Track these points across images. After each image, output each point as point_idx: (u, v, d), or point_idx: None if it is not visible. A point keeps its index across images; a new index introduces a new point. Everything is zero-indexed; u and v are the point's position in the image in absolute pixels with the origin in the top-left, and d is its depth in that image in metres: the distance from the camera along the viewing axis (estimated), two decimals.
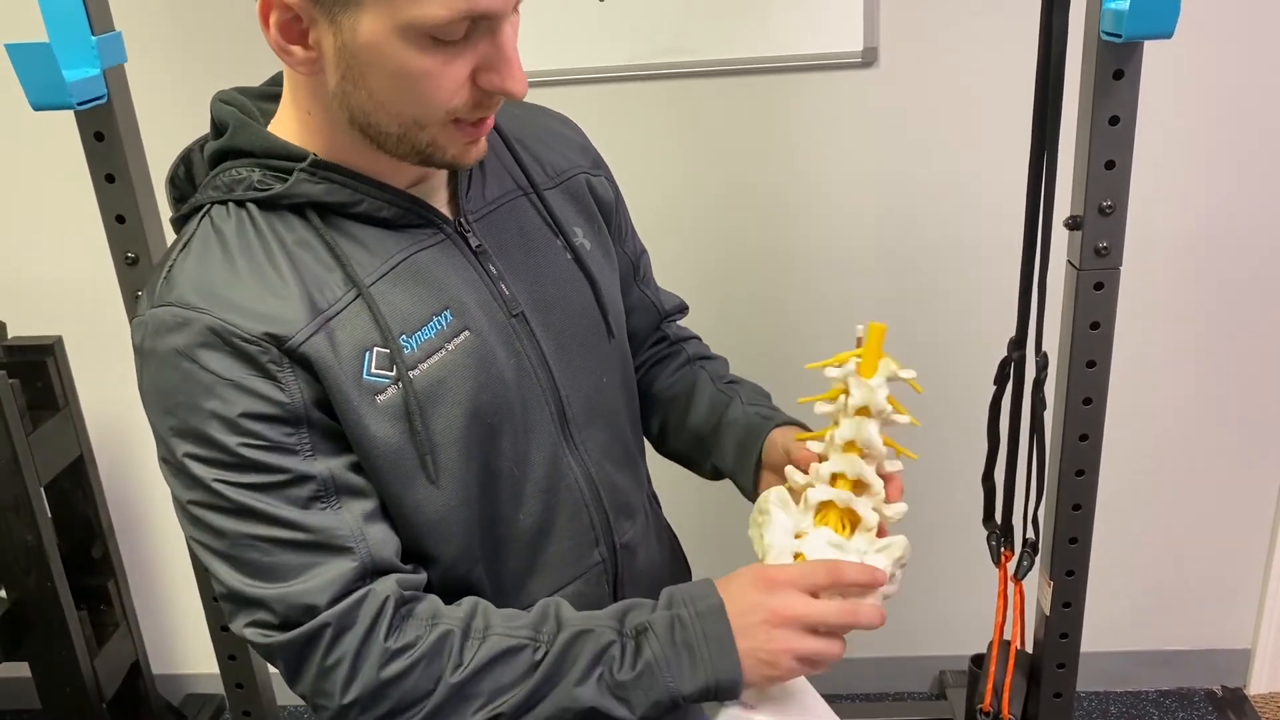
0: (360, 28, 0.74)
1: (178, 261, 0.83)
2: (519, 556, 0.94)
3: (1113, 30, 1.18)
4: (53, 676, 1.78)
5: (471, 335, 0.87)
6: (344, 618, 0.80)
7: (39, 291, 2.00)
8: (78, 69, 1.23)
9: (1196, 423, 1.99)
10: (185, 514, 0.83)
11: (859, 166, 1.85)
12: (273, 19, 0.76)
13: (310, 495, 0.81)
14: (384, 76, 0.76)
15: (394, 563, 0.85)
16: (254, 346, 0.78)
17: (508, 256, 0.93)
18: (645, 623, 0.85)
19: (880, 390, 0.90)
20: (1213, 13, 1.71)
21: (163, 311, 0.80)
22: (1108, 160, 1.27)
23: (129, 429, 2.07)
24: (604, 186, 1.05)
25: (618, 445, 1.02)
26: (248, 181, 0.84)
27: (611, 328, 1.01)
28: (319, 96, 0.81)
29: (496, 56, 0.77)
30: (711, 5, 1.75)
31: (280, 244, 0.83)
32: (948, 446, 1.83)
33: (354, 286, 0.83)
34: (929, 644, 2.17)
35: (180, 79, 1.76)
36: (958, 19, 1.75)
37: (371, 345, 0.82)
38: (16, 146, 1.91)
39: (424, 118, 0.79)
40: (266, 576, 0.80)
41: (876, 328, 0.92)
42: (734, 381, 1.15)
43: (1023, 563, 1.52)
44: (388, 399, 0.83)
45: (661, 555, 1.12)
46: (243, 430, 0.78)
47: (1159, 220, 1.83)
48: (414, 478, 0.85)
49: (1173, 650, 2.16)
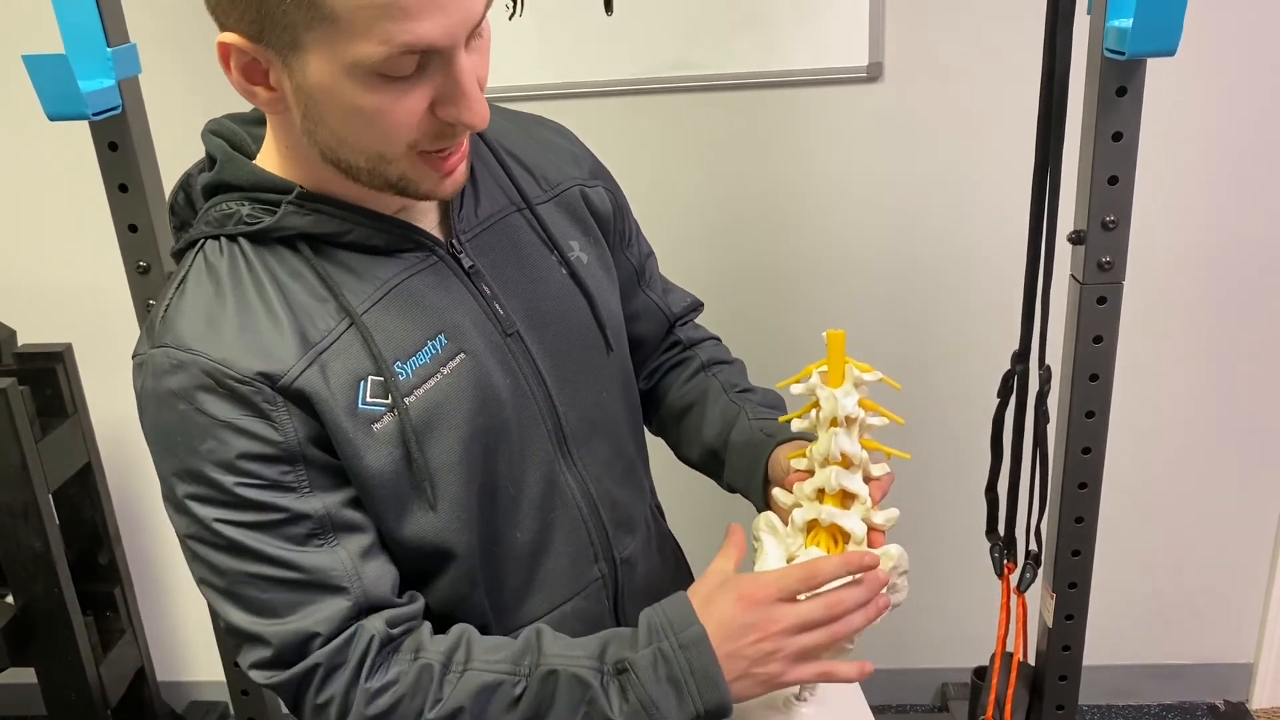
0: (309, 70, 0.74)
1: (174, 302, 0.83)
2: (517, 574, 0.94)
3: (1116, 48, 1.19)
4: (58, 682, 1.79)
5: (466, 358, 0.87)
6: (334, 657, 0.81)
7: (49, 299, 2.01)
8: (93, 80, 1.25)
9: (1199, 436, 1.99)
10: (187, 550, 0.84)
11: (863, 180, 1.86)
12: (233, 63, 0.76)
13: (307, 533, 0.81)
14: (340, 115, 0.76)
15: (388, 598, 0.85)
16: (247, 387, 0.79)
17: (501, 275, 0.92)
18: (626, 661, 0.83)
19: (848, 398, 0.89)
20: (1216, 30, 1.72)
21: (159, 354, 0.80)
22: (1111, 176, 1.28)
23: (136, 437, 2.05)
24: (601, 197, 1.04)
25: (619, 460, 1.02)
26: (238, 216, 0.84)
27: (610, 342, 1.00)
28: (293, 132, 0.81)
29: (452, 89, 0.76)
30: (718, 20, 1.76)
31: (272, 278, 0.83)
32: (951, 459, 1.84)
33: (347, 316, 0.83)
34: (931, 656, 2.17)
35: (193, 90, 1.78)
36: (962, 35, 1.76)
37: (366, 374, 0.82)
38: (28, 155, 1.93)
39: (387, 152, 0.78)
40: (264, 613, 0.81)
41: (835, 335, 0.90)
42: (747, 390, 1.13)
43: (1025, 575, 1.53)
44: (384, 427, 0.83)
45: (664, 568, 1.11)
46: (239, 470, 0.79)
47: (1162, 234, 1.84)
48: (413, 505, 0.85)
49: (1175, 664, 2.16)
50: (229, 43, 0.75)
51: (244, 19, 0.73)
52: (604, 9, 1.75)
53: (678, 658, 0.82)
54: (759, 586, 0.85)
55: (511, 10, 1.75)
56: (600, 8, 1.75)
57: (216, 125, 0.89)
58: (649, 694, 0.82)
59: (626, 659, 0.83)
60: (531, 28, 1.78)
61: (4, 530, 1.68)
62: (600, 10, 1.75)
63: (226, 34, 0.75)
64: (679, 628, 0.84)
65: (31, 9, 1.79)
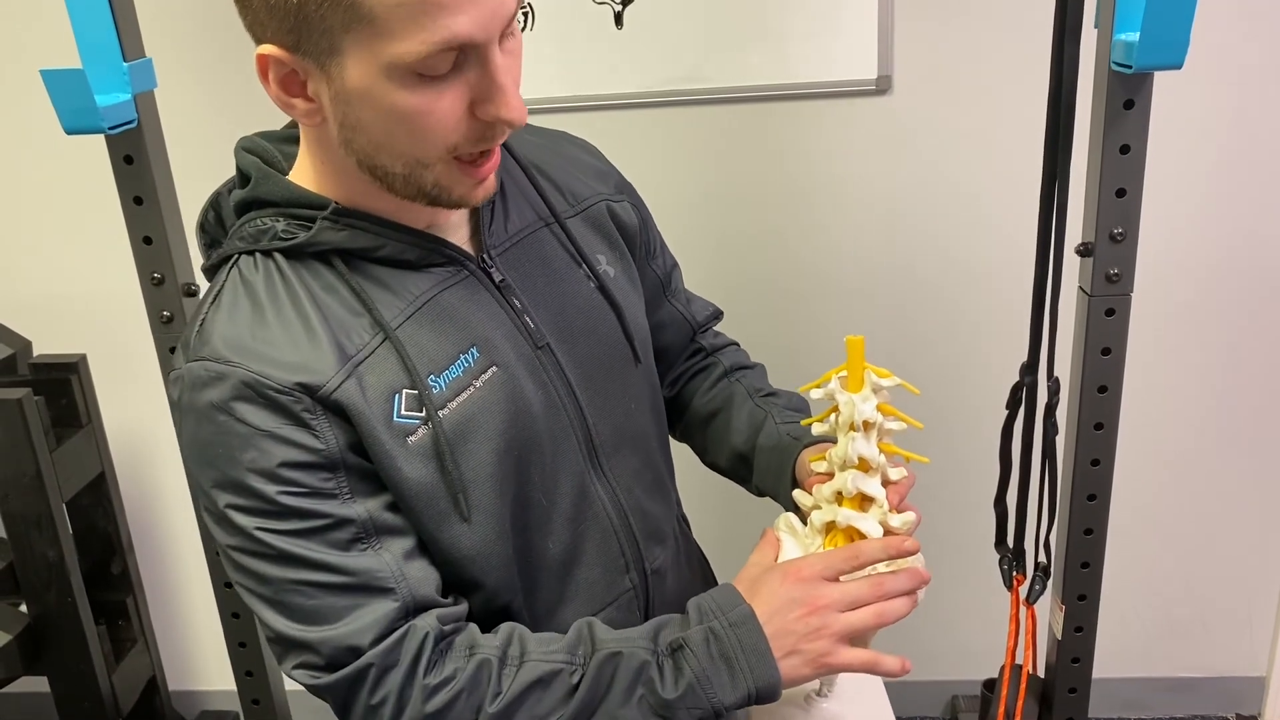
0: (348, 74, 0.74)
1: (209, 315, 0.84)
2: (550, 585, 0.94)
3: (1123, 61, 1.20)
4: (71, 691, 1.79)
5: (499, 371, 0.88)
6: (387, 657, 0.82)
7: (64, 310, 2.03)
8: (110, 94, 1.26)
9: (1209, 447, 1.99)
10: (229, 560, 0.84)
11: (872, 192, 1.87)
12: (271, 75, 0.77)
13: (351, 538, 0.82)
14: (379, 118, 0.76)
15: (434, 598, 0.86)
16: (287, 397, 0.79)
17: (531, 289, 0.93)
18: (680, 639, 0.85)
19: (866, 402, 0.90)
20: (1222, 43, 1.72)
21: (197, 366, 0.81)
22: (1119, 188, 1.28)
23: (149, 446, 2.09)
24: (627, 211, 1.05)
25: (648, 471, 1.03)
26: (273, 231, 0.85)
27: (638, 353, 1.01)
28: (328, 145, 0.82)
29: (489, 86, 0.76)
30: (729, 34, 1.77)
31: (308, 292, 0.83)
32: (960, 470, 1.84)
33: (381, 330, 0.83)
34: (941, 668, 2.17)
35: (207, 104, 1.79)
36: (970, 48, 1.77)
37: (400, 387, 0.83)
38: (44, 167, 1.95)
39: (426, 156, 0.79)
40: (311, 620, 0.81)
41: (854, 341, 0.92)
42: (771, 394, 1.15)
43: (1035, 587, 1.52)
44: (418, 440, 0.83)
45: (692, 578, 1.12)
46: (281, 479, 0.80)
47: (1170, 245, 1.84)
48: (448, 516, 0.85)
49: (1186, 677, 2.15)
50: (267, 54, 0.76)
51: (281, 28, 0.74)
52: (614, 23, 1.77)
53: (728, 634, 0.84)
54: (805, 564, 0.87)
55: (523, 24, 1.77)
56: (613, 21, 1.77)
57: (249, 143, 0.90)
58: (704, 669, 0.83)
59: (680, 638, 0.85)
60: (546, 41, 1.79)
61: (18, 539, 1.69)
62: (613, 23, 1.77)
63: (265, 46, 0.76)
64: (727, 609, 0.86)
65: (48, 24, 1.81)
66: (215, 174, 0.94)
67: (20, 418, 1.61)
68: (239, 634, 1.65)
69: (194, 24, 1.78)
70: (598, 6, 1.78)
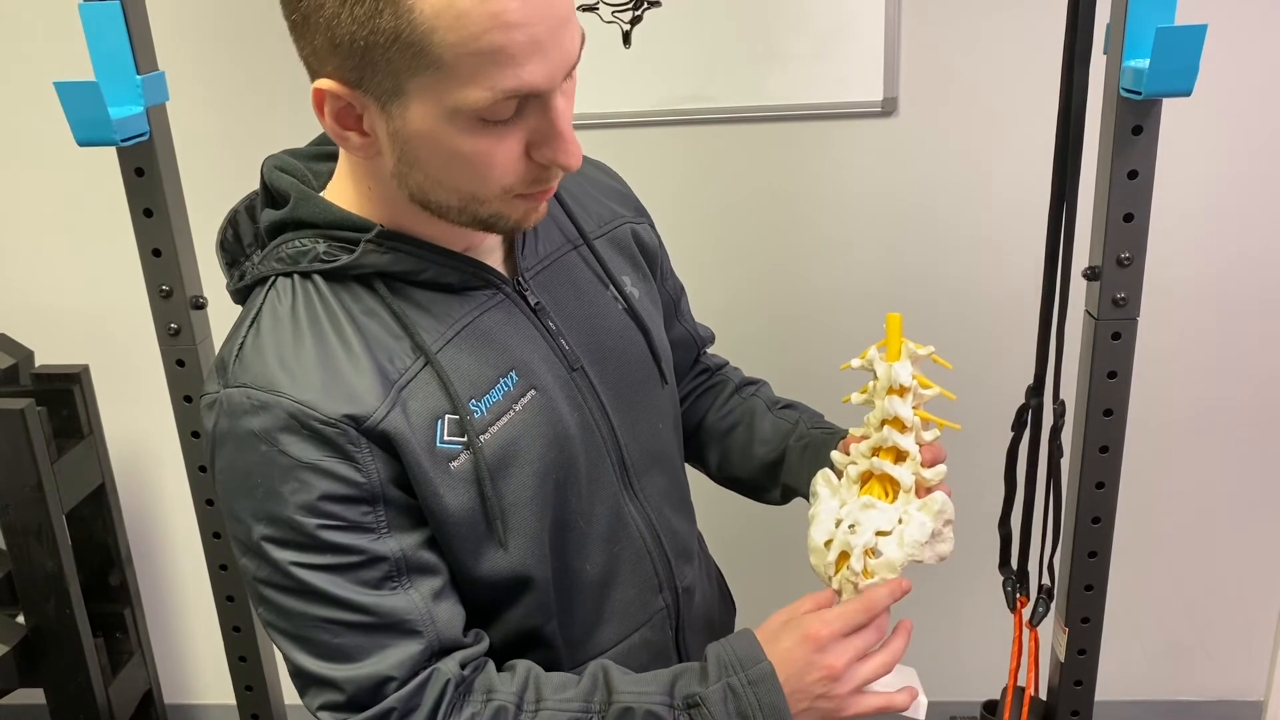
0: (410, 115, 0.74)
1: (249, 339, 0.82)
2: (586, 607, 0.94)
3: (1132, 87, 1.20)
4: (67, 703, 1.79)
5: (537, 394, 0.88)
6: (409, 701, 0.81)
7: (67, 320, 2.03)
8: (122, 107, 1.26)
9: (1212, 472, 1.99)
10: (255, 593, 0.83)
11: (878, 212, 1.87)
12: (327, 109, 0.76)
13: (382, 576, 0.81)
14: (439, 159, 0.76)
15: (459, 640, 0.85)
16: (333, 429, 0.78)
17: (564, 311, 0.93)
18: (697, 696, 0.84)
19: (902, 368, 0.96)
20: (1232, 69, 1.73)
21: (238, 394, 0.79)
22: (1126, 213, 1.28)
23: (150, 459, 2.09)
24: (648, 233, 1.06)
25: (675, 490, 1.03)
26: (313, 253, 0.84)
27: (665, 374, 1.02)
28: (379, 175, 0.81)
29: (549, 130, 0.77)
30: (736, 54, 1.78)
31: (348, 315, 0.83)
32: (965, 491, 1.84)
33: (422, 354, 0.83)
34: (942, 689, 2.15)
35: (218, 117, 1.80)
36: (977, 71, 1.78)
37: (443, 413, 0.83)
38: (50, 178, 1.95)
39: (482, 194, 0.79)
40: (336, 658, 0.81)
41: (894, 317, 0.98)
42: (789, 405, 1.17)
43: (1038, 609, 1.52)
44: (460, 465, 0.83)
45: (713, 595, 1.13)
46: (321, 512, 0.79)
47: (1177, 270, 1.85)
48: (487, 542, 0.85)
49: (1186, 700, 2.15)
50: (325, 89, 0.75)
51: (345, 66, 0.73)
52: (622, 42, 1.77)
53: (747, 693, 0.84)
54: (823, 624, 0.87)
55: None
56: (621, 41, 1.77)
57: (281, 162, 0.89)
58: None
59: (697, 694, 0.84)
60: None
61: (17, 550, 1.68)
62: (621, 43, 1.78)
63: (323, 80, 0.75)
64: (747, 664, 0.85)
65: (62, 36, 1.82)
66: (224, 187, 0.93)
67: (22, 428, 1.61)
68: (239, 648, 1.64)
69: (205, 37, 1.79)
70: (606, 25, 1.79)
